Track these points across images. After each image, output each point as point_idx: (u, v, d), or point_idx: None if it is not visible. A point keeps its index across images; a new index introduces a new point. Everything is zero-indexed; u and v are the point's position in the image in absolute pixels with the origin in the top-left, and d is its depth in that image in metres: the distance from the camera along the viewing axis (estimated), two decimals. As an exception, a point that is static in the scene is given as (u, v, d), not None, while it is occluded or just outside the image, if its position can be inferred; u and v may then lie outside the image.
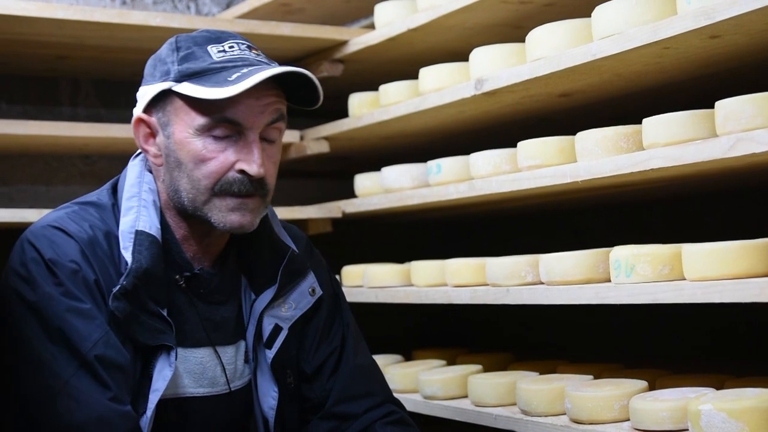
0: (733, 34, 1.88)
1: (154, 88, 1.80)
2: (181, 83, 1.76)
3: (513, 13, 2.60)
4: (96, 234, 1.77)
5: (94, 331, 1.68)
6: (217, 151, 1.76)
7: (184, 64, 1.77)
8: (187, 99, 1.76)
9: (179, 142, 1.78)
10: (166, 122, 1.79)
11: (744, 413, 1.74)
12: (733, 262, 1.79)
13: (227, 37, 1.82)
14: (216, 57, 1.78)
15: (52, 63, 3.09)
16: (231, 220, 1.79)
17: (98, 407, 1.64)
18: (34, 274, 1.70)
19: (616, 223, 3.16)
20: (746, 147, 1.72)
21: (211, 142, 1.76)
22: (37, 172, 3.23)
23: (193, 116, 1.76)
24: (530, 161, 2.29)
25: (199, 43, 1.80)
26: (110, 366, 1.67)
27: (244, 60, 1.78)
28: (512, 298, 2.28)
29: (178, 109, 1.78)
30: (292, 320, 1.94)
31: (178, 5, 3.62)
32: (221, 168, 1.77)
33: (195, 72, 1.76)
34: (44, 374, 1.65)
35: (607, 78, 2.25)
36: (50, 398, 1.64)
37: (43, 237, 1.73)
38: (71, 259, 1.71)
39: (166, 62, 1.80)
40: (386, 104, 2.84)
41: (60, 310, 1.67)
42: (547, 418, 2.16)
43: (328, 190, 3.50)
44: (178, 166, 1.79)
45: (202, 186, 1.78)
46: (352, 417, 1.95)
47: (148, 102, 1.82)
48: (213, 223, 1.80)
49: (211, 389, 1.88)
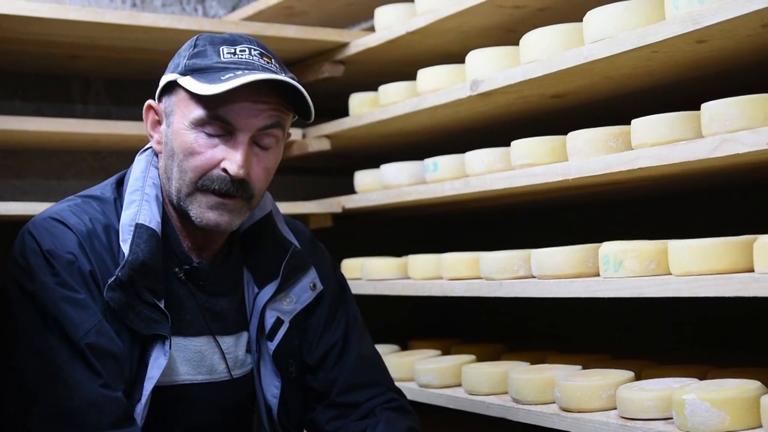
0: (719, 39, 1.88)
1: (165, 78, 1.82)
2: (184, 76, 1.77)
3: (507, 17, 2.59)
4: (95, 227, 1.77)
5: (87, 320, 1.68)
6: (206, 147, 1.76)
7: (193, 59, 1.78)
8: (187, 92, 1.77)
9: (175, 132, 1.78)
10: (170, 112, 1.81)
11: (726, 403, 1.74)
12: (717, 258, 1.79)
13: (243, 42, 1.82)
14: (224, 57, 1.78)
15: (64, 62, 3.09)
16: (208, 217, 1.78)
17: (89, 393, 1.64)
18: (32, 264, 1.70)
19: (605, 219, 3.16)
20: (730, 147, 1.72)
21: (203, 137, 1.76)
22: (49, 167, 3.22)
23: (191, 109, 1.76)
24: (523, 160, 2.29)
25: (214, 43, 1.81)
26: (102, 354, 1.67)
27: (249, 64, 1.77)
28: (505, 291, 2.28)
29: (180, 101, 1.78)
30: (293, 314, 1.94)
31: (186, 7, 3.61)
32: (206, 163, 1.76)
33: (199, 68, 1.77)
34: (39, 360, 1.66)
35: (598, 80, 2.25)
36: (44, 383, 1.64)
37: (43, 229, 1.74)
38: (68, 250, 1.71)
39: (180, 55, 1.82)
40: (385, 104, 2.84)
41: (55, 299, 1.67)
42: (538, 407, 2.16)
43: (328, 186, 3.49)
44: (172, 155, 1.79)
45: (187, 178, 1.77)
46: (355, 405, 1.96)
47: (159, 91, 1.84)
48: (192, 217, 1.79)
49: (210, 376, 1.88)
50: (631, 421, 1.91)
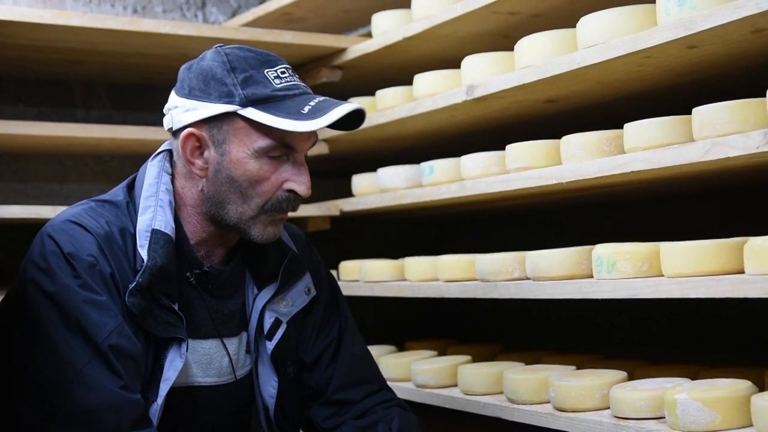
0: (710, 45, 1.88)
1: (215, 108, 1.75)
2: (246, 108, 1.73)
3: (502, 24, 2.60)
4: (112, 230, 1.77)
5: (109, 322, 1.67)
6: (270, 172, 1.77)
7: (248, 89, 1.74)
8: (251, 122, 1.74)
9: (236, 161, 1.76)
10: (222, 140, 1.76)
11: (717, 402, 1.75)
12: (708, 260, 1.79)
13: (276, 61, 1.80)
14: (275, 83, 1.76)
15: (66, 67, 3.09)
16: (269, 232, 1.81)
17: (110, 395, 1.64)
18: (53, 266, 1.69)
19: (598, 222, 3.16)
20: (721, 151, 1.73)
21: (267, 162, 1.77)
22: (51, 171, 3.22)
23: (254, 139, 1.75)
24: (518, 163, 2.29)
25: (253, 66, 1.77)
26: (123, 355, 1.67)
27: (299, 88, 1.79)
28: (500, 293, 2.29)
29: (238, 130, 1.75)
30: (290, 316, 1.95)
31: (187, 14, 3.61)
32: (273, 188, 1.78)
33: (261, 99, 1.74)
34: (60, 361, 1.65)
35: (591, 85, 2.26)
36: (65, 384, 1.64)
37: (63, 231, 1.73)
38: (89, 253, 1.71)
39: (225, 83, 1.74)
40: (382, 108, 2.84)
41: (77, 301, 1.67)
42: (532, 406, 2.16)
43: (326, 189, 3.49)
44: (231, 182, 1.77)
45: (254, 203, 1.78)
46: (351, 403, 1.97)
47: (205, 119, 1.77)
48: (251, 236, 1.81)
49: (218, 379, 1.88)
50: (624, 421, 1.91)
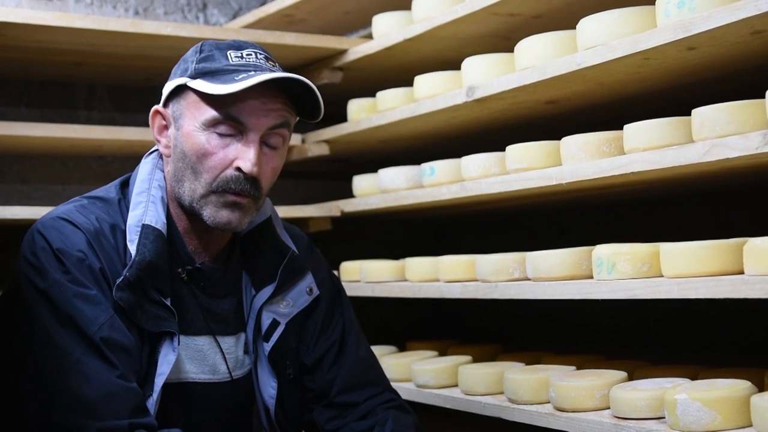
0: (709, 46, 1.88)
1: (173, 83, 1.82)
2: (195, 80, 1.78)
3: (502, 25, 2.59)
4: (102, 226, 1.77)
5: (100, 315, 1.68)
6: (218, 147, 1.77)
7: (202, 63, 1.79)
8: (198, 94, 1.77)
9: (186, 135, 1.79)
10: (179, 115, 1.81)
11: (717, 402, 1.74)
12: (708, 261, 1.79)
13: (248, 47, 1.84)
14: (232, 60, 1.79)
15: (69, 69, 3.08)
16: (221, 216, 1.79)
17: (107, 384, 1.64)
18: (43, 262, 1.70)
19: (598, 222, 3.16)
20: (720, 152, 1.72)
21: (215, 137, 1.77)
22: (54, 172, 3.22)
23: (202, 111, 1.77)
24: (518, 164, 2.29)
25: (221, 48, 1.82)
26: (116, 347, 1.68)
27: (257, 66, 1.79)
28: (500, 293, 2.28)
29: (190, 104, 1.79)
30: (290, 316, 1.94)
31: (188, 15, 3.61)
32: (220, 163, 1.77)
33: (209, 71, 1.78)
34: (56, 354, 1.66)
35: (591, 86, 2.25)
36: (62, 376, 1.65)
37: (52, 228, 1.74)
38: (78, 248, 1.72)
39: (187, 61, 1.83)
40: (383, 110, 2.84)
41: (67, 295, 1.68)
42: (533, 406, 2.16)
43: (327, 190, 3.49)
44: (183, 157, 1.80)
45: (202, 180, 1.78)
46: (354, 405, 1.96)
47: (166, 96, 1.84)
48: (204, 218, 1.80)
49: (213, 376, 1.88)
50: (624, 421, 1.90)
